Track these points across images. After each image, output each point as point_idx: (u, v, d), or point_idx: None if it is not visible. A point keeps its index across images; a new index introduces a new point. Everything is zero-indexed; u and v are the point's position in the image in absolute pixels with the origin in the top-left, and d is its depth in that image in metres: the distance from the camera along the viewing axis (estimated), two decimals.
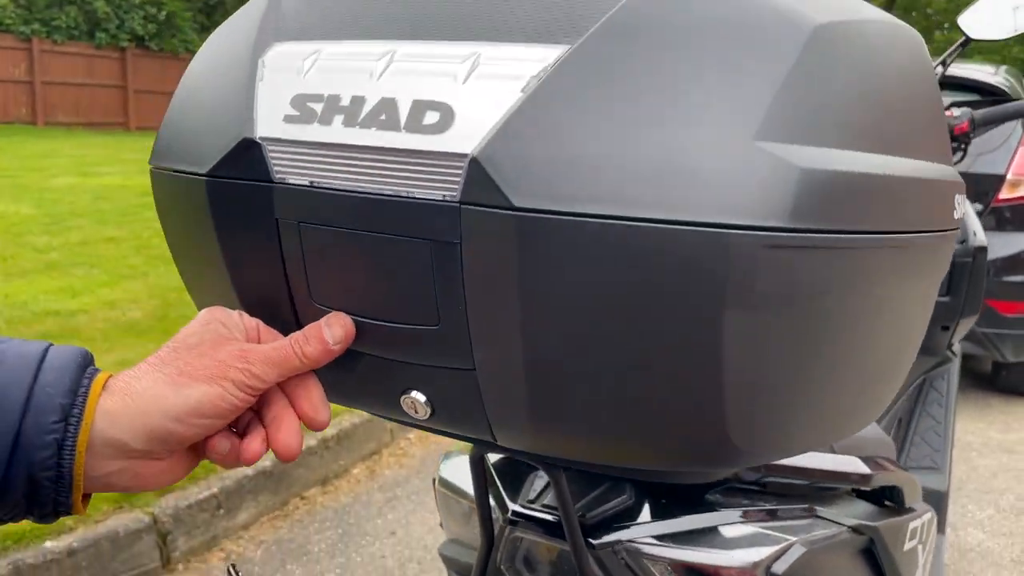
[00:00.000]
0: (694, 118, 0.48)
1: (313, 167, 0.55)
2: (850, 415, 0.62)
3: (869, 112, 0.53)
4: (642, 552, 0.84)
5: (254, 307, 0.63)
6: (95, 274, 5.02)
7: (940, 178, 0.60)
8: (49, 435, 0.52)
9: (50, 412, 0.52)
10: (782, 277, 0.48)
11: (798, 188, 0.47)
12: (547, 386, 0.53)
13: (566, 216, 0.47)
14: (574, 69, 0.50)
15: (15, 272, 4.96)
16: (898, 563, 1.03)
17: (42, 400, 0.52)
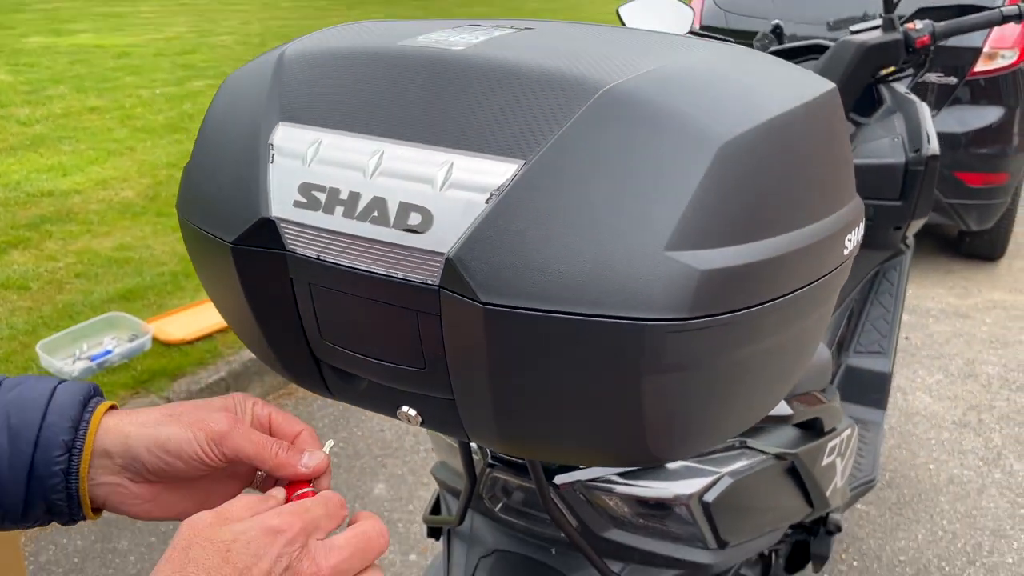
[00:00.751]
0: (619, 233, 0.61)
1: (319, 245, 0.69)
2: (754, 415, 0.79)
3: (769, 206, 0.66)
4: (597, 488, 1.03)
5: (275, 340, 0.77)
6: (83, 149, 5.06)
7: (831, 232, 0.73)
8: (56, 466, 0.63)
9: (55, 448, 0.63)
10: (685, 350, 0.63)
11: (698, 286, 0.61)
12: (509, 416, 0.69)
13: (521, 310, 0.62)
14: (526, 186, 0.62)
15: (3, 148, 5.00)
16: (816, 477, 1.24)
17: (48, 438, 0.63)
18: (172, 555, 0.54)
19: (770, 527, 1.19)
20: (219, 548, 0.54)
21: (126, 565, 2.26)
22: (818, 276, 0.73)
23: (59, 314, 3.08)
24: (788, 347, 0.75)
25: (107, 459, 0.65)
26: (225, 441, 0.65)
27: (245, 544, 0.54)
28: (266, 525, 0.56)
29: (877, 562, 2.36)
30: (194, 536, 0.55)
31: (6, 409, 0.63)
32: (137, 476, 0.66)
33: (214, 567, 0.52)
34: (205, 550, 0.53)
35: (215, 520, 0.56)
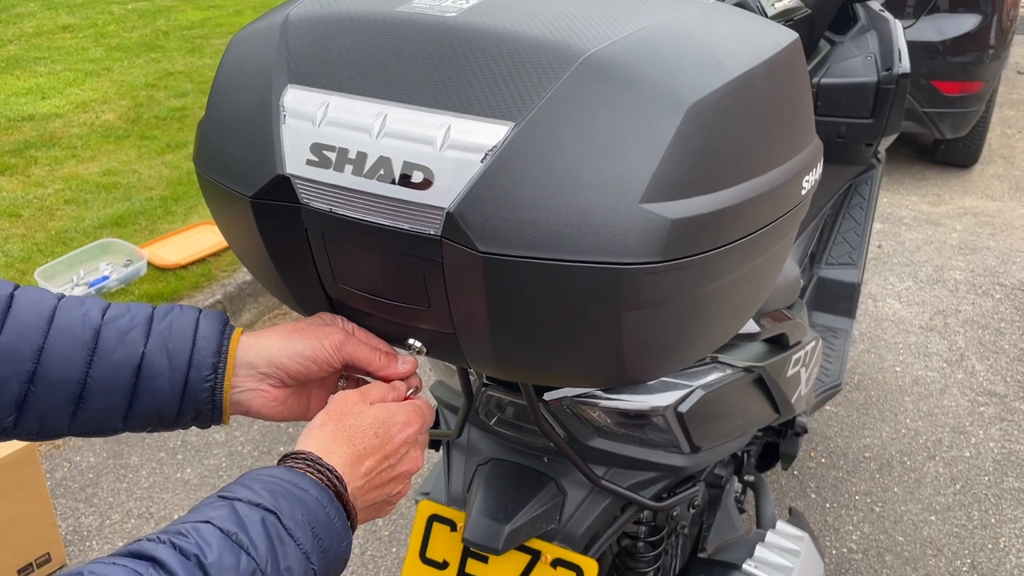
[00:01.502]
0: (599, 188, 0.69)
1: (331, 200, 0.77)
2: (721, 337, 0.89)
3: (734, 158, 0.74)
4: (582, 403, 1.14)
5: (292, 283, 0.86)
6: (59, 71, 5.00)
7: (791, 175, 0.82)
8: (206, 383, 0.78)
9: (205, 368, 0.78)
10: (658, 289, 0.72)
11: (668, 234, 0.70)
12: (505, 348, 0.79)
13: (515, 258, 0.70)
14: (517, 146, 0.70)
15: None
16: (782, 387, 1.36)
17: (199, 361, 0.78)
18: (331, 418, 0.75)
19: (739, 432, 1.31)
20: (369, 422, 0.76)
21: (138, 479, 2.39)
22: (778, 216, 0.82)
23: (53, 240, 3.14)
24: (751, 279, 0.84)
25: (251, 369, 0.81)
26: (344, 348, 0.83)
27: (385, 426, 0.76)
28: (400, 418, 0.78)
29: (844, 458, 2.53)
30: (348, 408, 0.76)
31: (163, 336, 0.78)
32: (276, 381, 0.82)
33: (365, 436, 0.74)
34: (359, 420, 0.75)
35: (361, 399, 0.78)
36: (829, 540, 2.25)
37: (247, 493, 0.64)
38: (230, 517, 0.62)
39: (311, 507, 0.66)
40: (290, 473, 0.68)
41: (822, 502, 2.38)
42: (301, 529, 0.64)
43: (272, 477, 0.67)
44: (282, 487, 0.66)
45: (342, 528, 0.68)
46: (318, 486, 0.68)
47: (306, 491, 0.67)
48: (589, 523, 1.19)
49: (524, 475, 1.20)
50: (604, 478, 1.18)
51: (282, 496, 0.65)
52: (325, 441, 0.73)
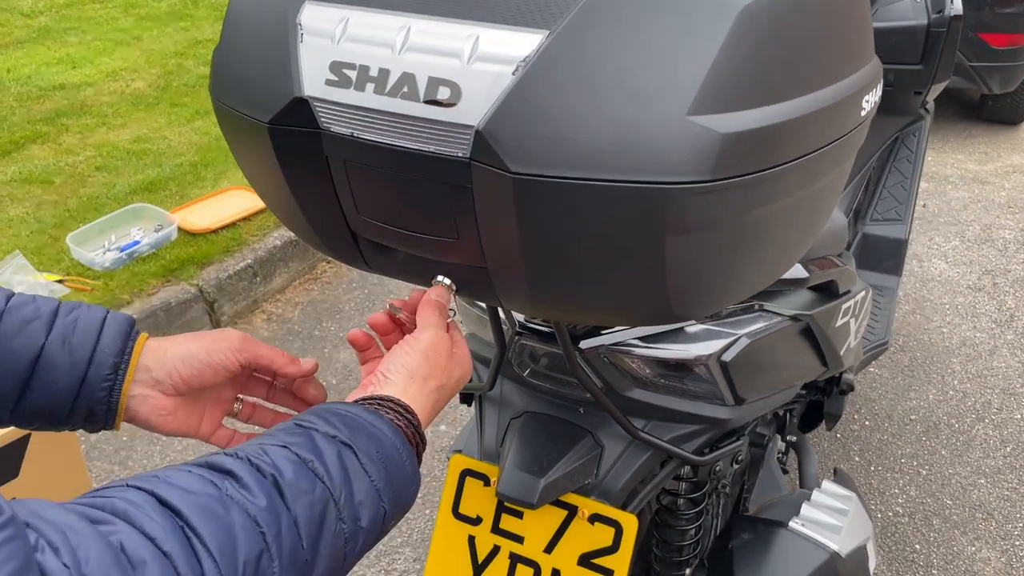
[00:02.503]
0: (642, 99, 0.63)
1: (353, 122, 0.71)
2: (772, 272, 0.83)
3: (789, 68, 0.67)
4: (620, 351, 1.09)
5: (313, 217, 0.81)
6: (89, 40, 4.99)
7: (849, 92, 0.75)
8: (105, 382, 0.74)
9: (105, 368, 0.74)
10: (706, 212, 0.66)
11: (720, 150, 0.64)
12: (540, 281, 0.73)
13: (550, 178, 0.65)
14: (551, 56, 0.65)
15: (10, 42, 4.94)
16: (830, 337, 1.29)
17: (101, 359, 0.74)
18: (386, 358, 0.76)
19: (785, 385, 1.25)
20: (425, 354, 0.75)
21: (172, 442, 2.39)
22: (836, 137, 0.75)
23: (84, 207, 3.13)
24: (805, 208, 0.78)
25: (145, 373, 0.76)
26: (245, 347, 0.79)
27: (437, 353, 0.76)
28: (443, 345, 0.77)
29: (888, 421, 2.45)
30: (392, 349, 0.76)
31: (66, 330, 0.74)
32: (168, 388, 0.77)
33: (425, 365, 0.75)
34: (411, 356, 0.75)
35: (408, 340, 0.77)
36: (874, 503, 2.18)
37: (324, 425, 0.64)
38: (307, 445, 0.62)
39: (386, 446, 0.66)
40: (366, 412, 0.67)
41: (866, 465, 2.31)
42: (375, 465, 0.64)
43: (349, 412, 0.67)
44: (359, 423, 0.66)
45: (412, 472, 0.68)
46: (392, 427, 0.67)
47: (381, 431, 0.66)
48: (628, 478, 1.14)
49: (559, 428, 1.16)
50: (643, 431, 1.13)
51: (359, 431, 0.65)
52: (391, 385, 0.73)
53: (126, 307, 2.65)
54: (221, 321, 2.84)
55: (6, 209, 3.10)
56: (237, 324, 2.88)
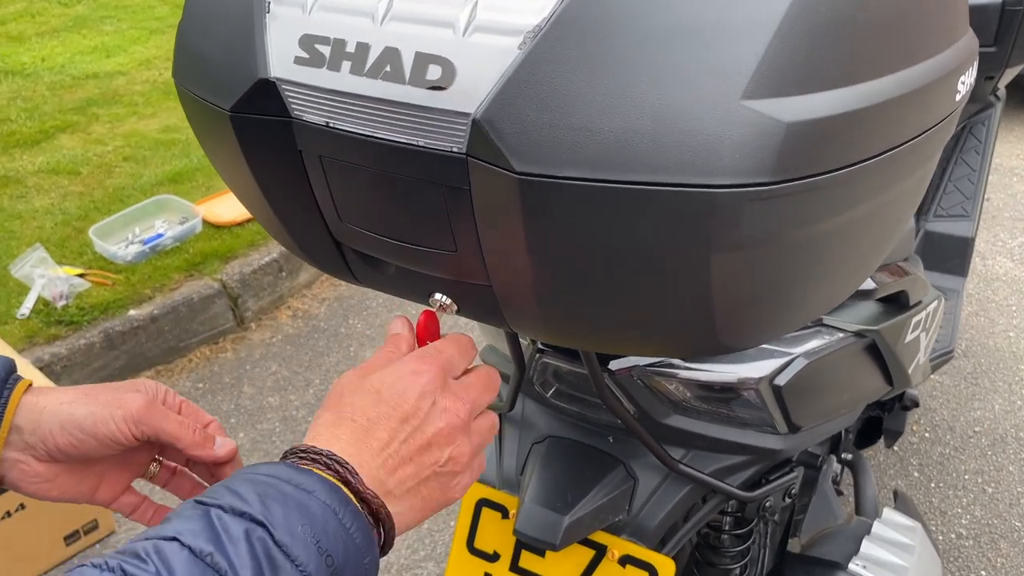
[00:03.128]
0: (684, 79, 0.49)
1: (327, 109, 0.58)
2: (841, 293, 0.68)
3: (865, 42, 0.53)
4: (657, 373, 0.95)
5: (290, 223, 0.69)
6: (124, 29, 4.95)
7: (942, 72, 0.60)
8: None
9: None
10: (765, 222, 0.52)
11: (783, 144, 0.50)
12: (553, 304, 0.60)
13: (564, 180, 0.51)
14: (568, 24, 0.51)
15: (47, 31, 4.91)
16: (898, 354, 1.13)
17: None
18: (328, 405, 0.59)
19: (846, 409, 1.10)
20: (369, 391, 0.58)
21: None
22: (927, 127, 0.60)
23: (110, 198, 3.06)
24: (884, 215, 0.63)
25: (16, 435, 0.63)
26: (144, 419, 0.64)
27: (391, 385, 0.58)
28: (407, 368, 0.60)
29: (950, 433, 2.27)
30: (344, 387, 0.59)
31: None
32: (42, 454, 0.64)
33: (369, 405, 0.57)
34: (357, 394, 0.58)
35: (359, 372, 0.60)
36: (935, 524, 2.01)
37: (231, 499, 0.49)
38: (204, 531, 0.47)
39: (315, 514, 0.50)
40: (290, 470, 0.51)
41: (926, 481, 2.13)
42: (301, 545, 0.48)
43: (266, 476, 0.51)
44: (277, 488, 0.50)
45: (363, 540, 0.51)
46: (326, 485, 0.51)
47: (310, 493, 0.50)
48: (664, 515, 1.00)
49: (587, 456, 1.02)
50: (682, 462, 0.99)
51: (276, 501, 0.49)
52: (324, 429, 0.57)
53: (147, 303, 2.57)
54: (244, 317, 2.75)
55: (32, 200, 3.05)
56: (262, 320, 2.79)
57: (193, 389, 2.50)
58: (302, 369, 2.57)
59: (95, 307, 2.50)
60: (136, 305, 2.56)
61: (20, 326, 2.41)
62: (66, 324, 2.43)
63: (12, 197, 3.07)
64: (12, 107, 3.82)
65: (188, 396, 2.46)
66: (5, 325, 2.40)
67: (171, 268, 2.70)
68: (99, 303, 2.52)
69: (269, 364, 2.59)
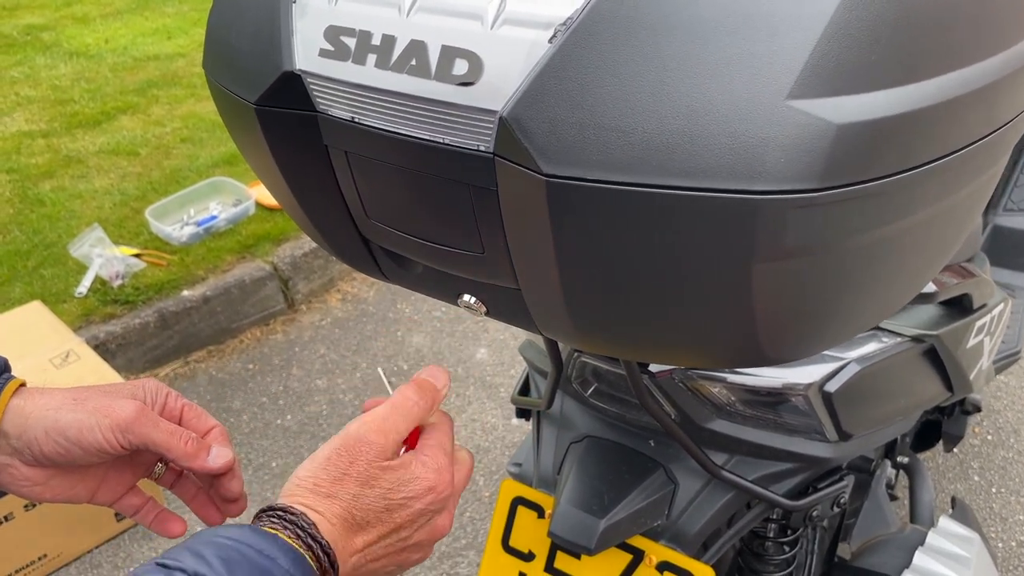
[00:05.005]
0: (725, 77, 0.46)
1: (353, 104, 0.56)
2: (896, 302, 0.64)
3: (926, 37, 0.49)
4: (699, 376, 0.91)
5: (318, 218, 0.67)
6: (185, 11, 5.01)
7: (1013, 68, 0.56)
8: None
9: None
10: (812, 231, 0.49)
11: (832, 147, 0.46)
12: (583, 310, 0.57)
13: (595, 183, 0.48)
14: (601, 18, 0.48)
15: (111, 12, 5.00)
16: (959, 360, 1.08)
17: None
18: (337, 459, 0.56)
19: (900, 416, 1.05)
20: (379, 492, 0.56)
21: (239, 424, 2.33)
22: (994, 127, 0.56)
23: (167, 179, 3.11)
24: (944, 222, 0.59)
25: (3, 439, 0.62)
26: (132, 428, 0.62)
27: (403, 496, 0.57)
28: (422, 484, 0.58)
29: (1015, 436, 2.18)
30: (359, 463, 0.56)
31: None
32: (29, 459, 0.63)
33: (377, 510, 0.56)
34: (367, 487, 0.56)
35: (380, 452, 0.57)
36: (995, 531, 1.93)
37: (193, 563, 0.48)
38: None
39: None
40: (258, 536, 0.50)
41: (987, 486, 2.05)
42: None
43: (231, 540, 0.50)
44: (241, 555, 0.49)
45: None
46: (291, 554, 0.50)
47: (273, 560, 0.49)
48: (705, 521, 0.97)
49: (626, 458, 0.99)
50: (725, 468, 0.95)
51: (240, 567, 0.48)
52: (318, 498, 0.55)
53: (200, 284, 2.60)
54: (295, 299, 2.77)
55: (92, 180, 3.11)
56: (311, 303, 2.81)
57: (243, 370, 2.53)
58: (350, 353, 2.58)
59: (150, 287, 2.54)
60: (189, 286, 2.59)
61: (78, 304, 2.46)
62: (122, 303, 2.48)
63: (73, 177, 3.13)
64: (76, 88, 3.91)
65: (238, 377, 2.49)
66: (63, 303, 2.46)
67: (224, 250, 2.73)
68: (154, 283, 2.56)
69: (318, 347, 2.61)
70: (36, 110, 3.68)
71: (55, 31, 4.65)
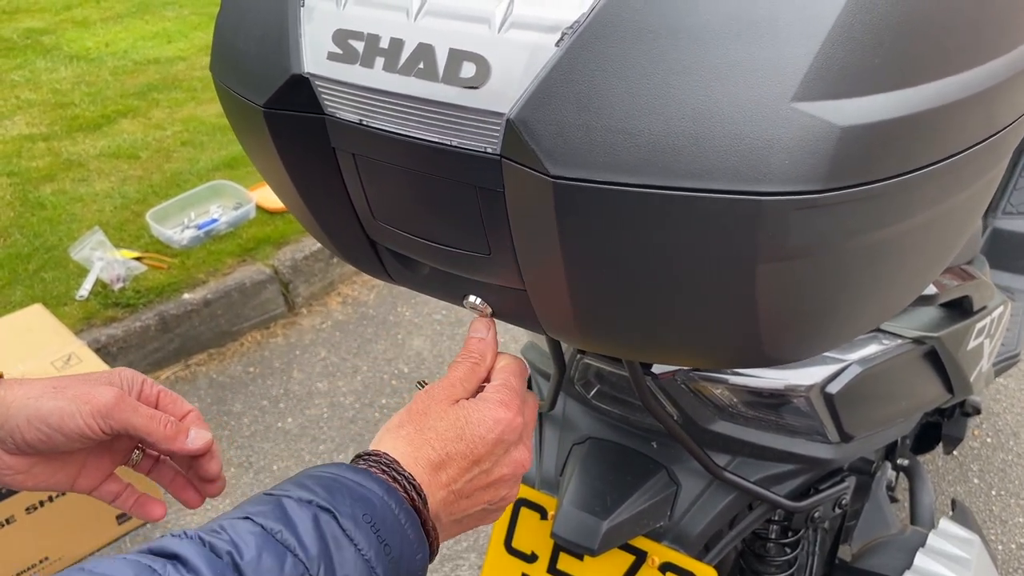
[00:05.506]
0: (730, 78, 0.46)
1: (361, 107, 0.57)
2: (897, 304, 0.65)
3: (928, 41, 0.49)
4: (703, 377, 0.92)
5: (324, 220, 0.67)
6: (186, 15, 5.02)
7: (1015, 71, 0.56)
8: None
9: None
10: (816, 232, 0.49)
11: (836, 149, 0.46)
12: (590, 311, 0.58)
13: (601, 184, 0.49)
14: (608, 21, 0.48)
15: (111, 16, 5.01)
16: (959, 362, 1.08)
17: None
18: (411, 419, 0.61)
19: (902, 417, 1.05)
20: (453, 425, 0.60)
21: (240, 427, 2.33)
22: (994, 130, 0.56)
23: (168, 182, 3.11)
24: (947, 221, 0.59)
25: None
26: (112, 413, 0.63)
27: (475, 426, 0.61)
28: (491, 414, 0.61)
29: (1014, 439, 2.19)
30: (431, 407, 0.61)
31: None
32: (12, 447, 0.64)
33: (450, 440, 0.60)
34: (441, 422, 0.61)
35: (447, 394, 0.62)
36: (995, 533, 1.94)
37: (298, 490, 0.53)
38: (274, 513, 0.51)
39: (376, 507, 0.54)
40: (352, 471, 0.56)
41: (987, 488, 2.06)
42: (363, 531, 0.52)
43: (330, 473, 0.55)
44: (341, 483, 0.54)
45: (416, 537, 0.55)
46: (384, 486, 0.55)
47: (370, 489, 0.54)
48: (707, 522, 0.97)
49: (628, 459, 1.00)
50: (727, 469, 0.96)
51: (340, 493, 0.53)
52: (399, 443, 0.60)
53: (201, 287, 2.61)
54: (295, 302, 2.77)
55: (93, 184, 3.11)
56: (312, 306, 2.81)
57: (244, 373, 2.53)
58: (351, 356, 2.58)
59: (151, 290, 2.55)
60: (190, 289, 2.60)
61: (79, 307, 2.47)
62: (122, 306, 2.48)
63: (74, 180, 3.14)
64: (76, 91, 3.91)
65: (239, 380, 2.49)
66: (64, 306, 2.46)
67: (224, 253, 2.73)
68: (154, 286, 2.56)
69: (318, 350, 2.61)
70: (37, 113, 3.69)
71: (55, 35, 4.66)
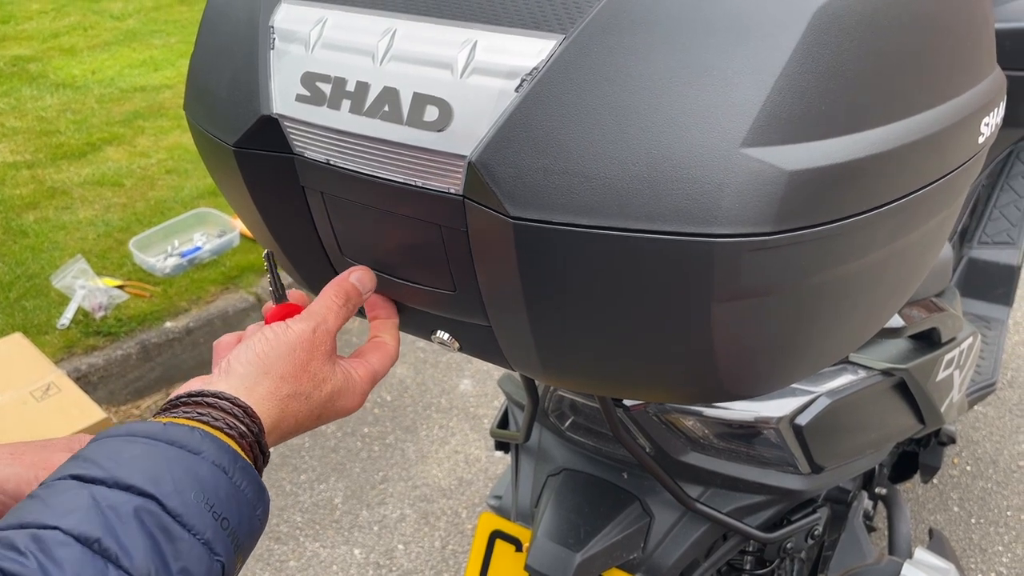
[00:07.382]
0: (682, 125, 0.48)
1: (328, 147, 0.58)
2: (855, 340, 0.66)
3: (874, 88, 0.51)
4: (675, 409, 0.93)
5: (294, 255, 0.69)
6: (173, 43, 5.05)
7: (963, 115, 0.58)
8: None
9: None
10: (767, 272, 0.50)
11: (785, 192, 0.48)
12: (552, 348, 0.59)
13: (560, 226, 0.50)
14: (565, 68, 0.50)
15: (98, 44, 5.03)
16: (929, 393, 1.10)
17: None
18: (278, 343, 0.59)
19: (872, 448, 1.06)
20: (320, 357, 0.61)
21: None
22: (945, 172, 0.58)
23: (151, 210, 3.12)
24: (901, 260, 0.61)
25: None
26: None
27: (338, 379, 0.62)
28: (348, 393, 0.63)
29: (993, 467, 2.20)
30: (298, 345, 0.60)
31: None
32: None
33: (313, 368, 0.60)
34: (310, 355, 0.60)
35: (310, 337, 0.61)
36: (975, 561, 1.95)
37: (113, 468, 0.46)
38: (89, 516, 0.43)
39: (206, 479, 0.48)
40: (173, 430, 0.49)
41: (967, 516, 2.06)
42: (196, 512, 0.47)
43: (147, 440, 0.48)
44: (162, 455, 0.47)
45: (254, 494, 0.51)
46: (215, 443, 0.50)
47: (199, 455, 0.48)
48: (680, 554, 0.98)
49: (602, 491, 1.00)
50: (700, 500, 0.96)
51: (163, 468, 0.47)
52: (239, 382, 0.57)
53: (183, 315, 2.60)
54: None
55: (76, 211, 3.11)
56: None
57: None
58: None
59: (132, 319, 2.54)
60: (172, 317, 2.59)
61: (60, 336, 2.46)
62: (104, 335, 2.47)
63: (57, 208, 3.14)
64: (62, 119, 3.92)
65: None
66: (45, 335, 2.45)
67: (207, 281, 2.73)
68: (136, 315, 2.56)
69: None
70: (21, 141, 3.69)
71: (42, 62, 4.68)
